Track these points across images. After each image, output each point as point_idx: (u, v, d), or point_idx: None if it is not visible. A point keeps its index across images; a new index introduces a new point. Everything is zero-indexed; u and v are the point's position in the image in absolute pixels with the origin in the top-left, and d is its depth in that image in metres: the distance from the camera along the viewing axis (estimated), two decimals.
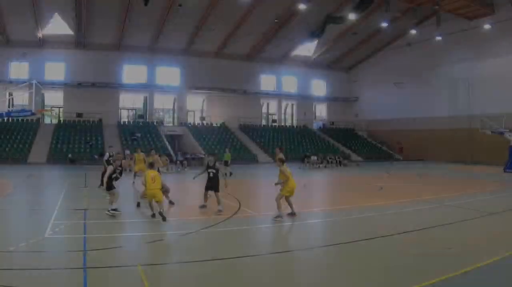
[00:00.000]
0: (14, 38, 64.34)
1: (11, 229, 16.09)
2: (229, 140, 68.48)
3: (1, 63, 64.78)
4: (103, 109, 68.99)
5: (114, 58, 69.91)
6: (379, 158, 73.90)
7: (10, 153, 54.65)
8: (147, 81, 73.28)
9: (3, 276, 9.93)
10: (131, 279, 10.14)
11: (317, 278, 10.54)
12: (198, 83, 74.60)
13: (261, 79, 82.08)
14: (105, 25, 63.69)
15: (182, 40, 70.77)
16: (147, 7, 52.99)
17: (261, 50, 75.69)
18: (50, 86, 65.92)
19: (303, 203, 22.71)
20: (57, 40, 66.20)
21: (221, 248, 13.38)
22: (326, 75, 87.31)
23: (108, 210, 17.95)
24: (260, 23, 64.01)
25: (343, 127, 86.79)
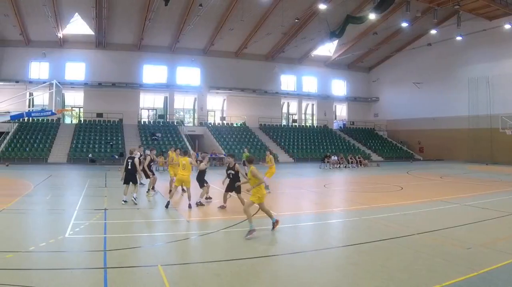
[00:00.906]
0: (35, 39, 64.56)
1: (31, 229, 15.78)
2: (249, 140, 68.12)
3: (21, 63, 64.98)
4: (123, 109, 69.24)
5: (134, 58, 69.81)
6: (399, 158, 73.48)
7: (31, 152, 54.56)
8: (167, 81, 73.18)
9: (24, 276, 9.91)
10: (151, 279, 9.96)
11: (337, 278, 10.46)
12: (219, 83, 74.80)
13: (281, 79, 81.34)
14: (125, 25, 63.79)
15: (203, 40, 70.49)
16: (168, 7, 53.54)
17: (281, 50, 75.21)
18: (70, 86, 66.47)
19: (323, 203, 23.66)
20: (77, 40, 66.31)
21: (241, 248, 13.07)
22: (346, 75, 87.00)
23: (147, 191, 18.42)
24: (280, 23, 61.56)
25: (363, 127, 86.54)
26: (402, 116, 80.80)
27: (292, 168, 52.26)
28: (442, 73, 72.79)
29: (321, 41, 72.28)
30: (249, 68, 76.26)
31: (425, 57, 74.56)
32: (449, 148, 71.65)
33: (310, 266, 11.21)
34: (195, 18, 59.06)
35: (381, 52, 79.92)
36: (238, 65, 75.61)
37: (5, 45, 64.39)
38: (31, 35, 64.14)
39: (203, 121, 74.30)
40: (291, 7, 60.41)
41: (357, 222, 17.37)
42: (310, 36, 68.20)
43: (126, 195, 20.81)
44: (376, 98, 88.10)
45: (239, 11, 60.08)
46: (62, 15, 59.91)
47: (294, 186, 31.57)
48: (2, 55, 64.57)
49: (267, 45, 73.72)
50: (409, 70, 78.37)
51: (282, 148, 69.24)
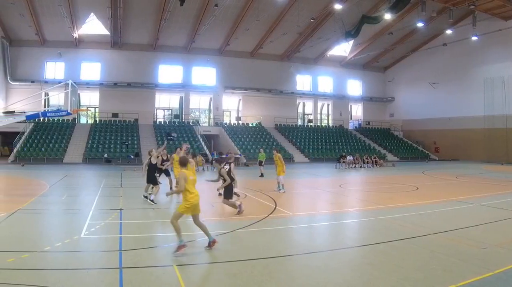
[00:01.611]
0: (50, 39, 64.45)
1: (47, 229, 15.73)
2: (265, 140, 67.46)
3: (37, 63, 65.07)
4: (138, 109, 69.05)
5: (149, 58, 69.48)
6: (414, 158, 72.64)
7: (46, 152, 54.36)
8: (183, 81, 72.99)
9: (39, 275, 9.88)
10: (167, 279, 9.95)
11: (353, 278, 10.32)
12: (234, 83, 74.34)
13: (297, 79, 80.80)
14: (141, 25, 63.55)
15: (218, 40, 70.12)
16: (183, 7, 53.63)
17: (296, 50, 74.57)
18: (86, 86, 66.58)
19: (338, 203, 23.75)
20: (93, 40, 66.15)
21: (256, 248, 13.03)
22: (362, 75, 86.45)
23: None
24: (295, 23, 61.86)
25: (379, 127, 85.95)
26: (418, 116, 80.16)
27: (308, 168, 51.82)
28: (458, 73, 71.96)
29: (336, 41, 71.67)
30: (265, 68, 75.78)
31: (441, 57, 73.85)
32: (465, 148, 70.99)
33: (325, 266, 11.18)
34: (210, 18, 59.05)
35: (396, 52, 79.11)
36: (253, 65, 75.26)
37: (20, 45, 64.31)
38: (46, 35, 64.17)
39: (219, 121, 73.93)
40: (307, 7, 60.08)
41: (373, 222, 17.27)
42: (325, 36, 67.57)
43: (146, 191, 21.03)
44: (391, 98, 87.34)
45: (254, 11, 59.76)
46: (77, 15, 60.03)
47: (310, 186, 31.26)
48: (18, 55, 64.41)
49: (283, 45, 73.22)
50: (424, 70, 77.70)
51: (297, 148, 68.51)
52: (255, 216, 17.65)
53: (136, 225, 16.37)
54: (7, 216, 16.85)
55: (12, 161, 52.04)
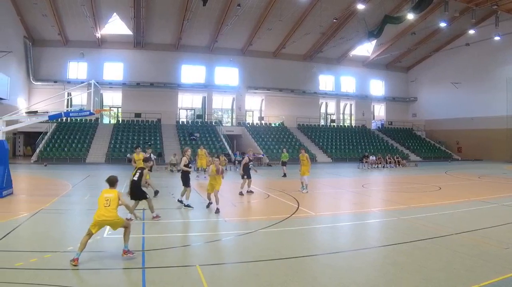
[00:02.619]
0: (73, 39, 64.48)
1: (69, 229, 15.76)
2: (287, 140, 66.73)
3: (60, 63, 65.15)
4: (161, 109, 68.58)
5: (172, 58, 69.01)
6: (437, 158, 71.80)
7: (69, 152, 54.29)
8: (205, 81, 72.41)
9: (62, 275, 9.88)
10: (190, 279, 9.88)
11: (376, 277, 10.27)
12: (257, 83, 73.59)
13: (320, 79, 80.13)
14: (163, 25, 63.17)
15: (241, 40, 69.58)
16: (206, 7, 53.55)
17: (319, 50, 73.50)
18: (109, 86, 66.11)
19: (361, 203, 23.48)
20: (116, 40, 66.09)
21: (279, 248, 12.81)
22: (385, 75, 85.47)
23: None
24: (318, 23, 61.57)
25: (401, 127, 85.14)
26: (440, 116, 79.45)
27: (331, 168, 51.27)
28: (481, 73, 71.19)
29: (359, 41, 71.22)
30: (287, 68, 74.87)
31: (463, 57, 72.99)
32: (487, 148, 70.25)
33: (348, 266, 11.13)
34: (233, 18, 59.01)
35: (419, 52, 78.13)
36: (276, 65, 74.35)
37: (43, 45, 64.25)
38: (69, 35, 64.08)
39: (241, 121, 73.17)
40: (329, 7, 59.37)
41: (396, 222, 17.15)
42: (348, 36, 67.02)
43: (183, 195, 20.34)
44: (414, 98, 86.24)
45: (277, 11, 59.29)
46: (100, 15, 60.03)
47: (333, 186, 30.88)
48: (41, 55, 64.27)
49: (305, 45, 72.35)
50: (447, 70, 76.94)
51: (320, 148, 67.75)
52: (278, 216, 17.59)
53: (159, 225, 16.21)
54: (30, 216, 16.94)
55: (35, 161, 51.84)
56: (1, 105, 51.40)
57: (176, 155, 45.98)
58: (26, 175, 37.01)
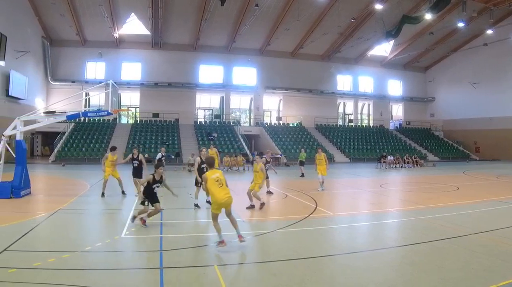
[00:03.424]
0: (91, 39, 64.46)
1: (87, 229, 15.95)
2: (305, 140, 66.10)
3: (78, 63, 65.18)
4: (179, 109, 68.16)
5: (190, 58, 68.58)
6: (455, 158, 70.94)
7: (87, 152, 54.00)
8: (223, 81, 71.94)
9: (80, 275, 9.84)
10: (208, 279, 9.82)
11: (393, 278, 10.15)
12: (275, 83, 72.88)
13: (337, 79, 79.37)
14: (181, 25, 62.93)
15: (259, 40, 69.13)
16: (224, 7, 53.50)
17: (337, 50, 73.01)
18: (127, 86, 65.92)
19: (379, 202, 23.37)
20: (134, 40, 65.89)
21: (297, 248, 12.73)
22: (402, 75, 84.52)
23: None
24: (336, 23, 61.05)
25: (419, 127, 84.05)
26: (458, 116, 78.64)
27: (348, 168, 50.82)
28: (498, 73, 70.13)
29: (377, 41, 70.34)
30: (305, 68, 73.93)
31: (481, 57, 72.01)
32: (506, 147, 69.21)
33: (366, 266, 11.02)
34: (251, 18, 58.51)
35: (437, 52, 77.39)
36: (294, 65, 73.43)
37: (61, 45, 64.21)
38: (87, 35, 64.03)
39: (259, 121, 72.81)
40: (347, 7, 58.93)
41: (413, 222, 16.93)
42: (366, 36, 66.36)
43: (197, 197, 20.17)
44: (432, 98, 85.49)
45: (295, 11, 58.73)
46: (118, 15, 60.08)
47: (351, 186, 30.67)
48: (59, 56, 64.30)
49: (323, 45, 71.77)
50: (465, 70, 76.10)
51: (338, 148, 67.11)
52: (296, 216, 17.42)
53: (177, 225, 16.26)
54: (48, 216, 16.94)
55: (53, 161, 51.66)
56: (19, 105, 52.02)
57: (194, 155, 44.75)
58: (44, 175, 37.05)
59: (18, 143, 22.52)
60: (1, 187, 21.33)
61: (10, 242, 12.42)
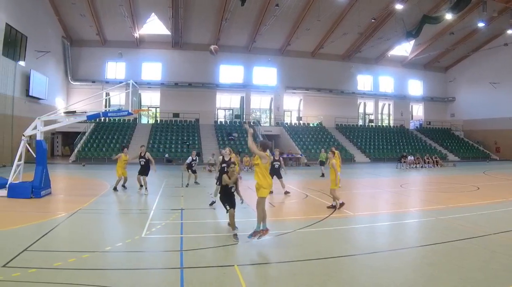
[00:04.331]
0: (111, 39, 64.53)
1: (107, 229, 15.84)
2: (325, 140, 65.63)
3: (98, 63, 65.30)
4: (199, 109, 67.99)
5: (210, 58, 65.13)
6: (475, 158, 70.28)
7: (107, 152, 53.53)
8: (243, 81, 71.66)
9: (100, 275, 9.81)
10: (228, 279, 9.76)
11: (413, 278, 10.09)
12: (295, 83, 72.44)
13: (358, 79, 78.83)
14: (201, 25, 62.55)
15: (279, 40, 68.58)
16: (244, 7, 53.05)
17: (357, 50, 72.55)
18: (147, 86, 65.62)
19: (399, 202, 23.14)
20: (154, 40, 65.71)
21: (317, 248, 12.67)
22: (423, 75, 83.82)
23: None
24: (356, 23, 60.58)
25: (440, 127, 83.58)
26: (479, 116, 77.89)
27: (369, 168, 50.55)
28: None
29: (397, 41, 69.78)
30: (326, 68, 73.41)
31: (502, 57, 71.11)
32: None
33: (386, 266, 11.00)
34: (271, 18, 58.04)
35: (457, 52, 76.82)
36: (314, 65, 72.86)
37: (81, 45, 64.24)
38: (107, 35, 64.05)
39: (280, 121, 72.24)
40: (368, 7, 58.13)
41: (433, 222, 16.85)
42: (386, 36, 65.90)
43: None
44: (452, 98, 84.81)
45: (315, 11, 58.17)
46: (138, 15, 59.91)
47: (371, 186, 30.58)
48: (79, 55, 64.25)
49: (344, 45, 71.29)
50: (485, 70, 75.24)
51: (358, 148, 66.68)
52: (316, 216, 17.39)
53: (197, 225, 16.15)
54: (68, 216, 16.96)
55: (73, 161, 51.65)
56: (39, 105, 52.03)
57: (214, 154, 45.44)
58: (64, 175, 37.08)
59: (38, 143, 22.42)
60: (21, 187, 21.39)
61: (31, 242, 12.38)
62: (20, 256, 11.01)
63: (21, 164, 22.51)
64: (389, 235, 15.33)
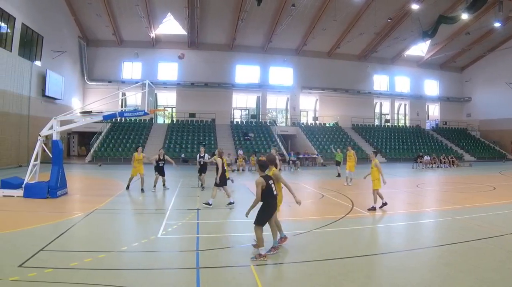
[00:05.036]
0: (127, 39, 64.71)
1: (124, 229, 15.89)
2: (342, 140, 65.24)
3: (114, 63, 65.58)
4: (216, 109, 67.84)
5: (226, 58, 67.98)
6: (491, 158, 69.84)
7: (123, 152, 53.70)
8: (259, 81, 71.24)
9: (116, 275, 9.77)
10: (244, 279, 9.70)
11: (430, 278, 9.96)
12: (311, 83, 72.00)
13: (374, 79, 78.45)
14: (218, 25, 62.58)
15: (295, 40, 68.06)
16: (260, 7, 53.03)
17: (373, 50, 72.25)
18: (163, 86, 65.88)
19: (415, 202, 22.92)
20: (170, 40, 65.52)
21: (333, 248, 12.61)
22: (439, 75, 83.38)
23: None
24: (372, 23, 60.68)
25: (456, 127, 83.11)
26: (495, 116, 77.42)
27: (385, 168, 48.64)
28: None
29: (413, 41, 69.31)
30: (342, 68, 73.06)
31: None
32: None
33: (402, 266, 10.93)
34: (287, 18, 57.83)
35: (473, 52, 76.12)
36: (330, 65, 72.54)
37: (97, 45, 64.52)
38: (123, 35, 64.21)
39: (296, 121, 71.69)
40: (384, 7, 57.83)
41: (450, 222, 16.81)
42: (402, 36, 65.26)
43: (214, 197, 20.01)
44: (468, 98, 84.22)
45: (331, 11, 57.75)
46: (154, 15, 59.69)
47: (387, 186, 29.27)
48: (95, 55, 64.51)
49: (360, 45, 70.93)
50: (502, 70, 74.38)
51: (375, 148, 64.83)
52: (332, 216, 17.30)
53: (213, 225, 16.13)
54: (84, 215, 16.92)
55: (89, 161, 51.70)
56: (56, 105, 52.11)
57: (231, 154, 45.25)
58: (81, 175, 37.13)
59: (54, 143, 22.34)
60: (37, 187, 21.36)
61: (47, 242, 12.38)
62: (36, 256, 10.97)
63: (37, 164, 22.40)
64: (405, 235, 15.36)
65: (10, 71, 41.59)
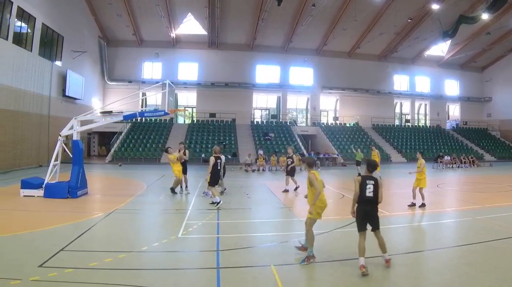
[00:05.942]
0: (147, 39, 64.57)
1: (144, 229, 15.93)
2: (362, 140, 64.89)
3: (134, 63, 65.61)
4: (236, 109, 67.43)
5: (247, 58, 67.66)
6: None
7: (144, 152, 53.72)
8: (280, 81, 70.66)
9: (136, 275, 9.84)
10: (264, 279, 9.75)
11: (450, 278, 9.99)
12: (331, 83, 71.45)
13: (394, 79, 78.13)
14: (238, 25, 62.25)
15: (315, 40, 67.49)
16: (280, 7, 52.65)
17: (394, 50, 71.56)
18: (183, 86, 65.58)
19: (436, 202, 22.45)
20: (190, 40, 65.34)
21: (353, 248, 11.41)
22: (459, 75, 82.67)
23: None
24: (393, 23, 59.98)
25: (476, 127, 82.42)
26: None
27: (405, 168, 47.08)
28: None
29: (433, 41, 68.46)
30: (362, 68, 72.47)
31: None
32: None
33: (423, 266, 11.18)
34: (308, 18, 57.66)
35: (494, 52, 75.24)
36: (350, 65, 71.98)
37: (118, 45, 64.55)
38: (143, 35, 64.03)
39: (316, 121, 71.11)
40: (404, 7, 57.18)
41: (470, 222, 16.84)
42: (422, 36, 64.71)
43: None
44: (489, 98, 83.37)
45: (352, 11, 57.38)
46: (174, 15, 59.55)
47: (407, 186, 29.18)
48: (115, 55, 64.58)
49: (380, 45, 70.28)
50: None
51: (395, 148, 65.62)
52: (352, 217, 16.42)
53: (234, 225, 16.02)
54: (105, 216, 17.01)
55: (110, 161, 51.63)
56: (76, 105, 52.03)
57: (251, 155, 44.97)
58: (101, 175, 37.11)
59: (75, 143, 22.39)
60: (58, 187, 21.44)
61: (67, 242, 12.48)
62: (56, 256, 11.04)
63: (57, 164, 22.33)
64: (425, 235, 15.45)
65: (31, 71, 41.16)
